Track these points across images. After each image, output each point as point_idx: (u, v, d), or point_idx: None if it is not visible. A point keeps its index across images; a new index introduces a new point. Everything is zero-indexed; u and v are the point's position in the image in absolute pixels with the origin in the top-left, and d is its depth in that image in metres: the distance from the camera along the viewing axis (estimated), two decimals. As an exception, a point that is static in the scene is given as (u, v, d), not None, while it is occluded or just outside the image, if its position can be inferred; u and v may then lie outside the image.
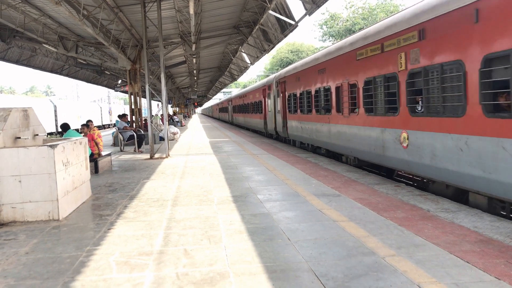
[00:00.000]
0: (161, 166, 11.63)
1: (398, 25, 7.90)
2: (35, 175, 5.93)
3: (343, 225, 5.35)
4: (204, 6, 14.90)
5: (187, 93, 54.88)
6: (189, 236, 5.10)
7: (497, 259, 4.03)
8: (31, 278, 3.94)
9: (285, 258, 4.26)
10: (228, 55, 27.47)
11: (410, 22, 7.46)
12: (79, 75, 28.86)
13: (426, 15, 6.98)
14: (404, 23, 7.69)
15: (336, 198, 6.87)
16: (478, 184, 5.98)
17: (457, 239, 4.66)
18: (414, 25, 7.31)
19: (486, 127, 5.71)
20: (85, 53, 19.99)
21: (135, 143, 16.18)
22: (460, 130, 6.24)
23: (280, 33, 18.09)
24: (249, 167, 10.78)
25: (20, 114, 6.98)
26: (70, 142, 6.75)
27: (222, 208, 6.45)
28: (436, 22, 6.73)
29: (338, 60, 10.86)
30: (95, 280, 3.85)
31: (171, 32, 18.26)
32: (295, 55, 72.81)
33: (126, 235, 5.22)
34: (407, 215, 5.72)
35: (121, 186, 8.67)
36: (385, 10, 53.61)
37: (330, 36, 59.21)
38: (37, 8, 13.81)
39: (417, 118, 7.36)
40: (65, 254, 4.57)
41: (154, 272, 4.00)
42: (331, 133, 11.54)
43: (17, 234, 5.40)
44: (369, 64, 9.01)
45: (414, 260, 4.09)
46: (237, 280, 3.76)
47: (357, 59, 9.59)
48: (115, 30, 15.81)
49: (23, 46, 19.87)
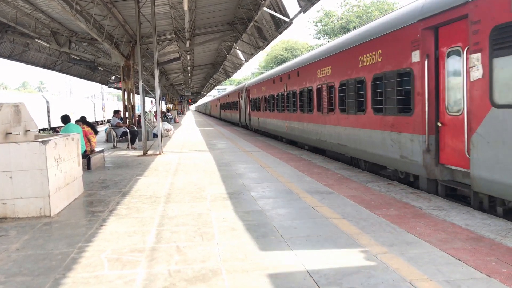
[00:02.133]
0: (154, 162, 11.58)
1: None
2: (26, 171, 5.88)
3: (336, 222, 5.36)
4: (198, 3, 14.83)
5: (181, 90, 54.73)
6: (182, 233, 5.08)
7: (488, 257, 4.06)
8: (21, 275, 3.90)
9: (278, 255, 4.25)
10: (223, 52, 27.40)
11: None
12: (72, 71, 28.63)
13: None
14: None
15: (329, 196, 6.88)
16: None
17: (449, 236, 4.69)
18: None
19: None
20: (78, 49, 19.84)
21: (128, 140, 16.10)
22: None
23: (274, 31, 18.06)
24: (242, 164, 10.77)
25: (12, 110, 6.91)
26: (62, 138, 6.69)
27: (215, 205, 6.44)
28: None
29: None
30: (86, 277, 3.82)
31: (165, 28, 18.17)
32: (290, 53, 72.79)
33: (118, 232, 5.19)
34: (399, 212, 5.74)
35: (114, 182, 8.62)
36: (380, 8, 53.73)
37: (325, 34, 59.27)
38: (30, 3, 13.66)
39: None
40: (57, 251, 4.54)
41: (146, 269, 3.99)
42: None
43: (8, 231, 5.35)
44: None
45: (406, 257, 4.11)
46: (229, 277, 3.75)
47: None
48: (109, 26, 15.70)
49: (15, 41, 19.65)
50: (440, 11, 6.39)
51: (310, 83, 12.78)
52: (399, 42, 7.59)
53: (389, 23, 8.03)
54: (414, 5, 7.32)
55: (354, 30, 10.46)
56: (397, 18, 7.80)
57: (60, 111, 36.47)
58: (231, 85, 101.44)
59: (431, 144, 6.85)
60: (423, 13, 6.84)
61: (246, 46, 23.82)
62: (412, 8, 7.31)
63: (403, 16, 7.53)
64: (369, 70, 8.73)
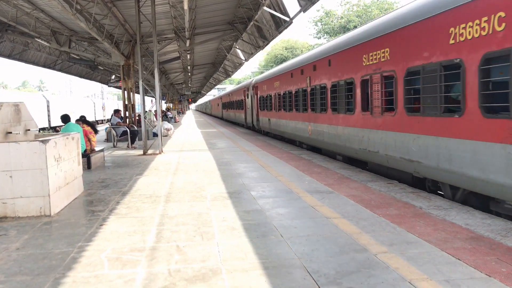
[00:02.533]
0: (154, 162, 11.58)
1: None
2: (26, 170, 5.88)
3: (336, 222, 5.36)
4: (199, 2, 14.82)
5: (181, 89, 54.68)
6: (182, 232, 5.08)
7: (488, 256, 4.06)
8: (21, 274, 3.91)
9: (278, 254, 4.26)
10: (223, 51, 27.39)
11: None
12: (72, 70, 28.62)
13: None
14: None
15: (329, 195, 6.88)
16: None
17: (448, 236, 4.69)
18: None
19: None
20: (79, 48, 19.83)
21: (128, 139, 16.10)
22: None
23: (274, 30, 18.05)
24: (242, 163, 10.77)
25: (12, 109, 6.91)
26: (62, 138, 6.69)
27: (215, 205, 6.44)
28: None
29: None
30: (86, 277, 3.82)
31: (165, 28, 18.16)
32: (290, 52, 72.75)
33: (118, 231, 5.20)
34: (399, 212, 5.74)
35: (114, 182, 8.62)
36: (380, 8, 53.69)
37: (325, 33, 59.22)
38: (30, 2, 13.66)
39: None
40: (57, 250, 4.54)
41: (146, 268, 3.99)
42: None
43: (8, 230, 5.35)
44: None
45: (406, 257, 4.11)
46: (229, 276, 3.76)
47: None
48: (109, 25, 15.69)
49: (15, 40, 19.64)
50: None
51: (349, 73, 9.81)
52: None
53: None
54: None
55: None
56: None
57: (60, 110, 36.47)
58: (231, 85, 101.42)
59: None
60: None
61: (246, 46, 23.81)
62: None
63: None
64: (473, 48, 5.74)
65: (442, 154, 6.46)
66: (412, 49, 7.22)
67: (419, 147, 7.06)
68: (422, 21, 6.94)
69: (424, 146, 6.91)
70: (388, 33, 8.05)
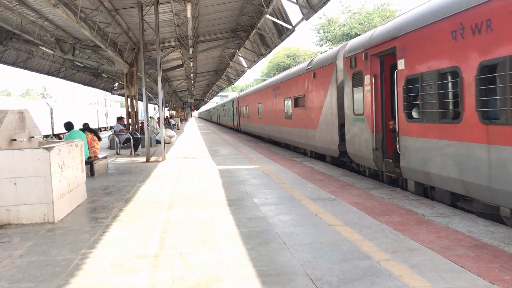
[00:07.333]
0: (157, 169, 11.61)
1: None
2: (30, 177, 5.91)
3: (339, 229, 5.36)
4: (202, 10, 14.93)
5: (184, 96, 54.86)
6: (185, 239, 5.09)
7: (491, 264, 4.05)
8: (25, 281, 3.92)
9: (280, 262, 4.26)
10: (225, 58, 27.51)
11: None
12: (75, 78, 28.77)
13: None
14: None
15: (332, 202, 6.88)
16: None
17: (452, 243, 4.68)
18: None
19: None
20: (82, 56, 19.96)
21: (131, 146, 16.15)
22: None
23: (277, 38, 18.15)
24: (245, 171, 10.78)
25: (16, 116, 6.97)
26: (66, 145, 6.73)
27: (217, 212, 6.44)
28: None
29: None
30: (89, 283, 3.83)
31: (168, 36, 18.28)
32: (292, 60, 72.94)
33: (122, 238, 5.21)
34: (402, 219, 5.74)
35: (117, 189, 8.65)
36: (382, 15, 53.88)
37: (327, 41, 59.40)
38: (34, 11, 13.79)
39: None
40: (60, 257, 4.55)
41: (149, 275, 3.99)
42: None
43: (12, 237, 5.37)
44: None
45: (409, 264, 4.10)
46: (232, 283, 3.76)
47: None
48: (112, 33, 15.82)
49: (20, 48, 19.81)
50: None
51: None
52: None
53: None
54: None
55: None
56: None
57: (64, 117, 36.64)
58: (234, 92, 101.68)
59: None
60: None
61: (249, 53, 23.93)
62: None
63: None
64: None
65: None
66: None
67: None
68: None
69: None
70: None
